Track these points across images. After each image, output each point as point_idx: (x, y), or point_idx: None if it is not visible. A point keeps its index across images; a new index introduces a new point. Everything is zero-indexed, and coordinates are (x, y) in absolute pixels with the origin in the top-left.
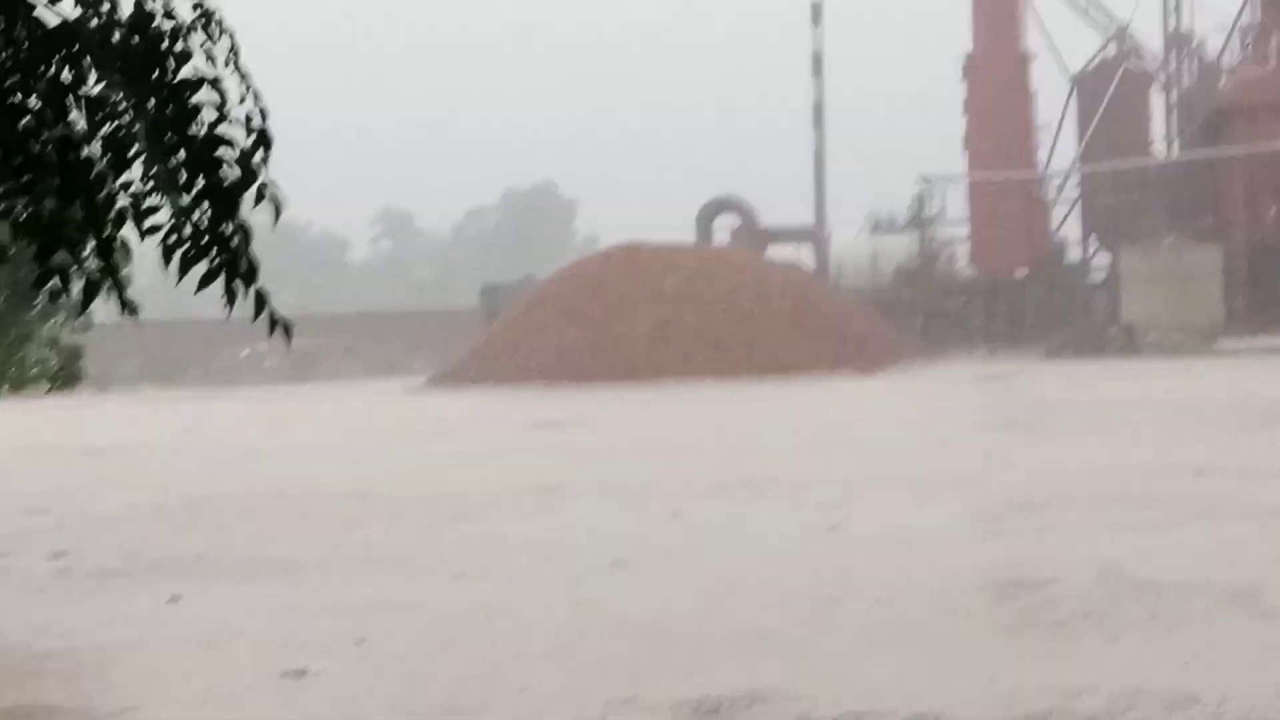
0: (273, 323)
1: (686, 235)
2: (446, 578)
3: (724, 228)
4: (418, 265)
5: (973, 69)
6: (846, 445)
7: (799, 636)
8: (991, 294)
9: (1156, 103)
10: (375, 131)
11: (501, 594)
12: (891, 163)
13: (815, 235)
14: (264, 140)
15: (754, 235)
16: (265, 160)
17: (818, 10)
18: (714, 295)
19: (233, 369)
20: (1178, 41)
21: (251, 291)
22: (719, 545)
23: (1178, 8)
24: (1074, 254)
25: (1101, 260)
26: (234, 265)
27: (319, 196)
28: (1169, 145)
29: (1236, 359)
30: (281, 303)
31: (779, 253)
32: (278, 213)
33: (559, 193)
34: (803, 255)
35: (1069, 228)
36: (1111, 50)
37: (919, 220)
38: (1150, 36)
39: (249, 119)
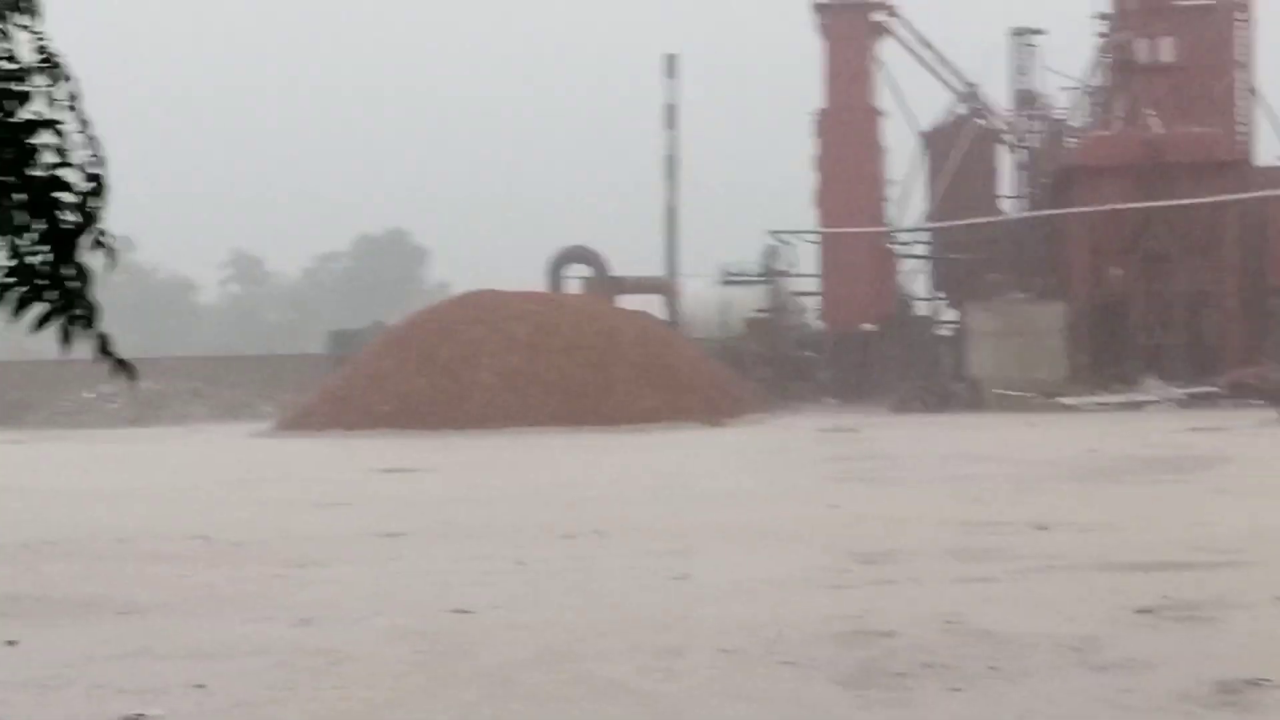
0: (115, 364)
1: (538, 285)
2: (289, 623)
3: (575, 277)
4: (267, 309)
5: (823, 124)
6: (694, 495)
7: (643, 687)
8: (840, 347)
9: (1005, 161)
10: (226, 174)
11: (345, 640)
12: (744, 215)
13: (666, 286)
14: (102, 185)
15: (605, 285)
16: (102, 206)
17: (672, 63)
18: (564, 344)
19: (78, 411)
20: (1026, 101)
21: (93, 333)
22: (564, 594)
23: (1026, 69)
24: (922, 309)
25: (949, 315)
26: (70, 306)
27: (168, 239)
28: (1017, 203)
29: (1079, 415)
30: (128, 345)
31: (630, 303)
32: (114, 259)
33: (411, 239)
34: (654, 306)
35: (917, 283)
36: (961, 108)
37: (769, 273)
38: (999, 95)
39: (88, 164)
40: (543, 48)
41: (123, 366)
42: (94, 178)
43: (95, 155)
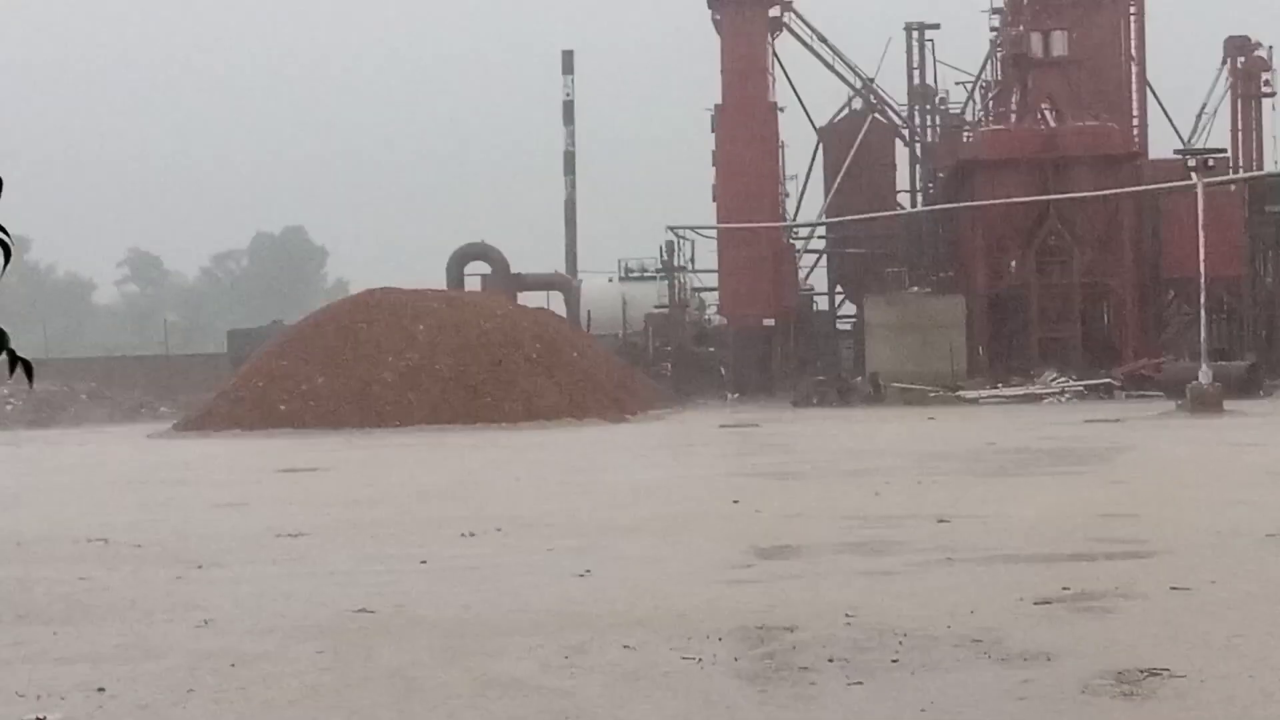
0: (13, 362)
1: (438, 282)
2: (190, 625)
3: (475, 275)
4: (165, 309)
5: (721, 120)
6: (596, 492)
7: (547, 684)
8: (740, 343)
9: (902, 155)
10: (121, 172)
11: (247, 641)
12: (644, 211)
13: (565, 282)
14: None
15: (505, 282)
16: None
17: (569, 58)
18: (464, 341)
19: None
20: (922, 96)
21: None
22: (468, 591)
23: (921, 63)
24: (822, 304)
25: (848, 310)
26: None
27: (63, 238)
28: (914, 197)
29: (978, 408)
30: (24, 345)
31: (530, 300)
32: (8, 256)
33: (309, 238)
34: (554, 303)
35: (817, 278)
36: (858, 103)
37: (669, 268)
38: (896, 90)
39: None
40: (442, 43)
41: (21, 365)
42: None
43: None
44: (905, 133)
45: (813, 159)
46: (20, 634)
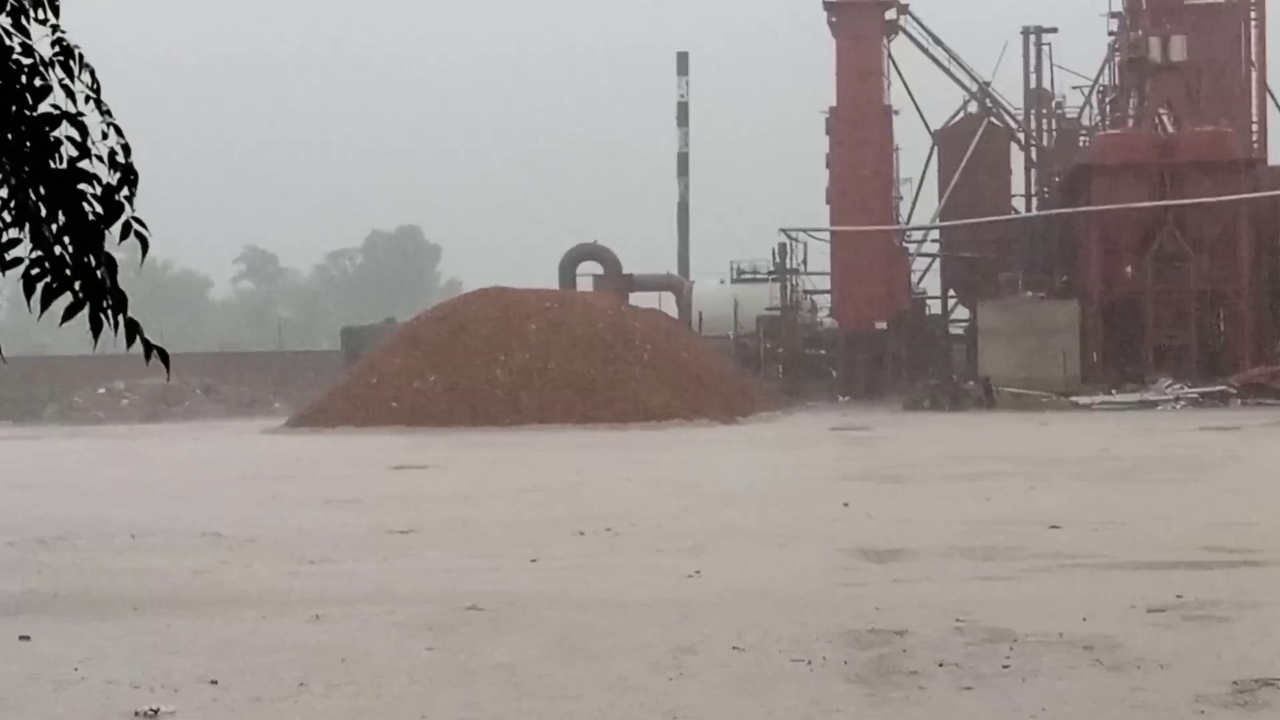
0: (148, 350)
1: (550, 282)
2: (302, 620)
3: (587, 275)
4: (280, 305)
5: (836, 123)
6: (706, 493)
7: (655, 684)
8: (852, 345)
9: (1017, 160)
10: (239, 170)
11: (357, 637)
12: (756, 213)
13: (678, 283)
14: (129, 175)
15: (617, 282)
16: (131, 195)
17: (683, 60)
18: (576, 341)
19: (89, 407)
20: (1038, 100)
21: (121, 321)
22: (577, 591)
23: (1039, 67)
24: (934, 307)
25: (961, 314)
26: (99, 296)
27: (180, 235)
28: (1029, 202)
29: (1091, 414)
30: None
31: (642, 300)
32: (145, 247)
33: (423, 237)
34: (666, 304)
35: (930, 281)
36: (973, 107)
37: (781, 271)
38: (1012, 94)
39: (113, 154)
40: (555, 45)
41: (157, 353)
42: (121, 167)
43: (121, 145)
44: (1021, 137)
45: (927, 162)
46: (135, 625)
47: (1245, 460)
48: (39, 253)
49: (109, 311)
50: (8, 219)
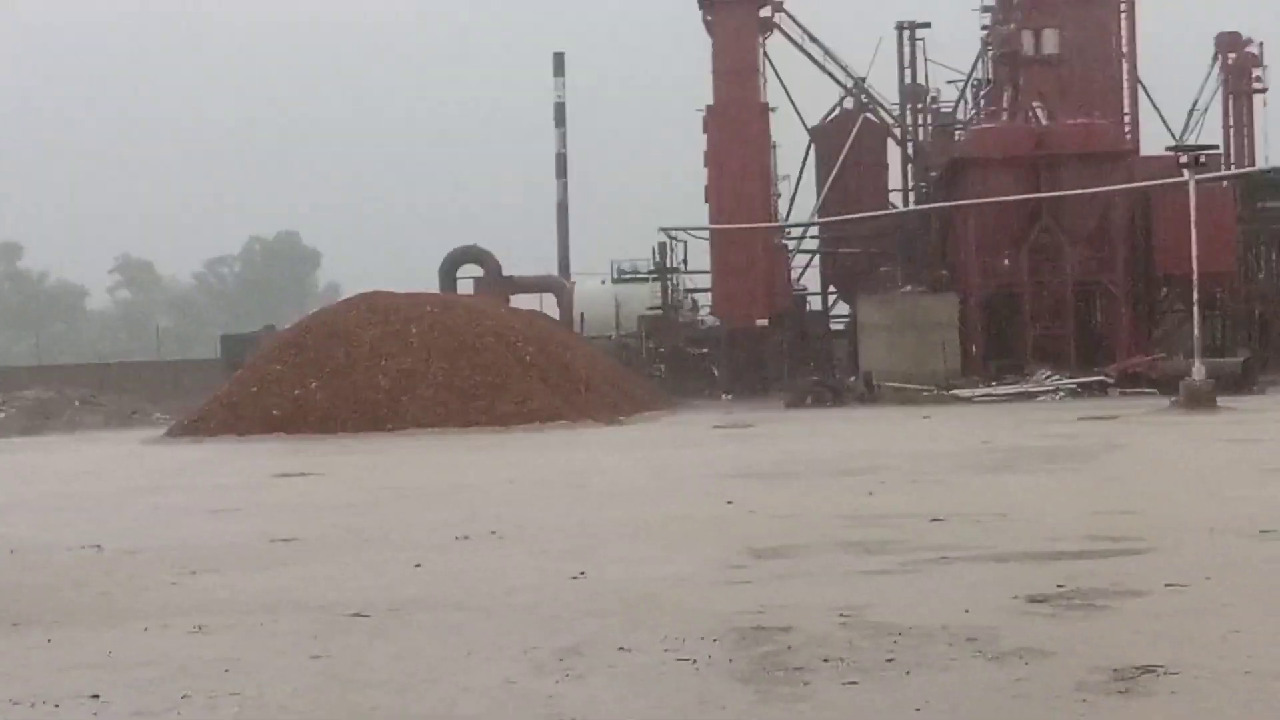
0: None
1: (430, 286)
2: (184, 631)
3: (467, 278)
4: (158, 314)
5: (713, 121)
6: (590, 494)
7: (541, 688)
8: (734, 343)
9: (894, 155)
10: (115, 177)
11: (241, 648)
12: (635, 212)
13: (558, 284)
14: None
15: (498, 285)
16: None
17: (560, 60)
18: (457, 344)
19: None
20: (913, 95)
21: None
22: (462, 595)
23: (913, 62)
24: (815, 304)
25: (841, 310)
26: None
27: (55, 245)
28: (906, 196)
29: (972, 406)
30: (16, 352)
31: (523, 302)
32: None
33: (301, 242)
34: (547, 305)
35: (810, 278)
36: (849, 103)
37: (661, 269)
38: (887, 90)
39: None
40: (433, 44)
41: None
42: None
43: None
44: (897, 132)
45: (805, 159)
46: (14, 641)
47: (1125, 448)
48: None
49: None
50: None
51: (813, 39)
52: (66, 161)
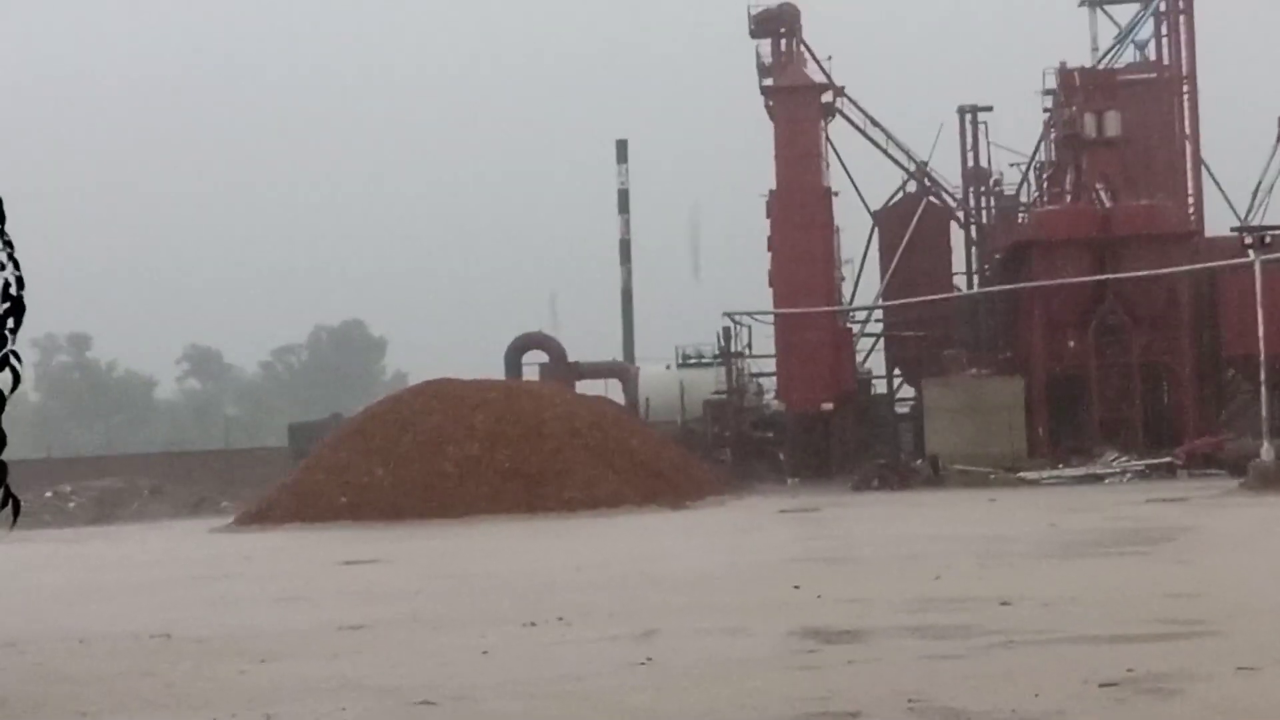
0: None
1: (496, 372)
2: (254, 719)
3: (533, 364)
4: (226, 403)
5: (775, 205)
6: (657, 579)
7: None
8: (799, 427)
9: (957, 237)
10: (180, 268)
11: None
12: (700, 298)
13: (623, 370)
14: (18, 309)
15: (562, 371)
16: (16, 329)
17: (623, 147)
18: (523, 431)
19: (36, 510)
20: (976, 177)
21: None
22: (531, 682)
23: (975, 145)
24: (880, 387)
25: (906, 393)
26: None
27: (123, 335)
28: (970, 279)
29: (1039, 489)
30: (86, 443)
31: (588, 388)
32: (16, 381)
33: (367, 330)
34: (612, 391)
35: (875, 361)
36: (912, 186)
37: (726, 354)
38: (950, 172)
39: (5, 285)
40: (498, 132)
41: (11, 503)
42: (11, 300)
43: (16, 277)
44: (960, 215)
45: (868, 242)
46: None
47: (1193, 531)
48: None
49: None
50: None
51: (875, 123)
52: (133, 252)
